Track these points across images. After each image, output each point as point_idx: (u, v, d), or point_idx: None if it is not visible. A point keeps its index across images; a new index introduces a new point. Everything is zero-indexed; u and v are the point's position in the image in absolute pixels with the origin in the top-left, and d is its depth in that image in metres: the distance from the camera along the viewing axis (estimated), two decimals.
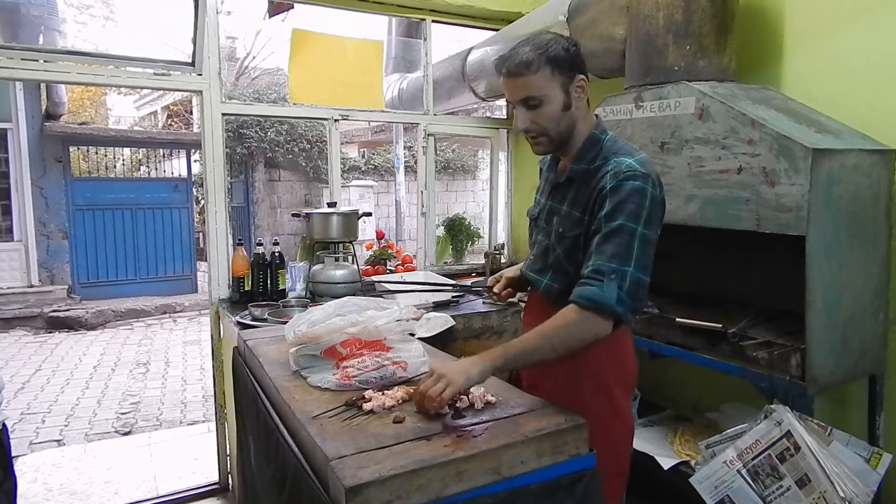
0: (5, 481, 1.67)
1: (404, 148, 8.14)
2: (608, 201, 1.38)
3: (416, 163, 3.51)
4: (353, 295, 2.41)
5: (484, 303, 2.76)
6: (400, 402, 1.35)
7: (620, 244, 1.35)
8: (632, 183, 1.37)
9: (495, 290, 1.80)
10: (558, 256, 1.52)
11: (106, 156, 9.86)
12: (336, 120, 3.12)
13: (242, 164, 9.80)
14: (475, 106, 5.37)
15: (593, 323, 1.35)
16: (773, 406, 1.70)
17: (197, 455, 3.42)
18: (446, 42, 4.06)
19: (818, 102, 2.09)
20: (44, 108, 8.41)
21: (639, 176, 1.38)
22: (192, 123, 14.20)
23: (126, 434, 4.08)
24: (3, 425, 1.69)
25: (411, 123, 3.56)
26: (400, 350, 1.55)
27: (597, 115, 1.55)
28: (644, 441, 2.25)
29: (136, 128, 14.18)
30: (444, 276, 3.25)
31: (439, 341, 2.24)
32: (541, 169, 1.72)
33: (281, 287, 2.82)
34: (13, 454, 1.79)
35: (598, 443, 1.28)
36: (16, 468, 1.84)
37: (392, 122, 7.03)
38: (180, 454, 3.49)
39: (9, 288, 7.99)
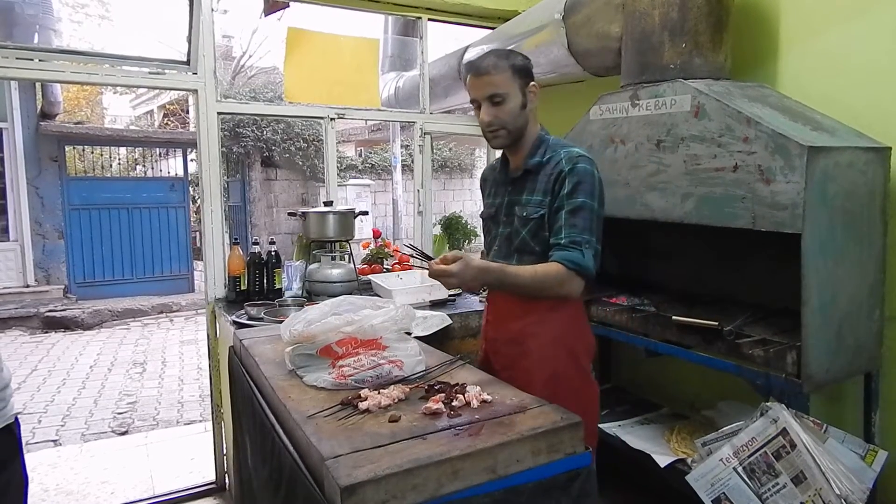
0: (14, 475, 1.62)
1: (401, 147, 8.14)
2: (567, 181, 1.64)
3: (412, 161, 3.51)
4: (350, 294, 2.40)
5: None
6: (396, 401, 1.35)
7: (586, 219, 1.63)
8: (584, 166, 1.66)
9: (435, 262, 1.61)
10: (523, 238, 1.72)
11: (102, 155, 9.82)
12: (332, 119, 3.11)
13: (239, 163, 9.79)
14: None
15: (573, 282, 1.62)
16: (768, 404, 1.70)
17: (194, 455, 3.41)
18: (443, 40, 4.06)
19: (813, 100, 2.09)
20: (39, 107, 8.38)
21: (588, 160, 1.67)
22: (188, 122, 14.15)
23: (123, 434, 4.08)
24: (16, 419, 1.65)
25: (408, 122, 3.56)
26: (396, 349, 1.55)
27: (540, 124, 1.80)
28: (640, 439, 2.25)
29: (132, 127, 14.11)
30: None
31: (436, 340, 2.24)
32: (483, 181, 1.97)
33: (277, 286, 2.81)
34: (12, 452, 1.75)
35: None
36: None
37: (388, 121, 7.02)
38: (177, 454, 3.48)
39: (5, 288, 7.97)
